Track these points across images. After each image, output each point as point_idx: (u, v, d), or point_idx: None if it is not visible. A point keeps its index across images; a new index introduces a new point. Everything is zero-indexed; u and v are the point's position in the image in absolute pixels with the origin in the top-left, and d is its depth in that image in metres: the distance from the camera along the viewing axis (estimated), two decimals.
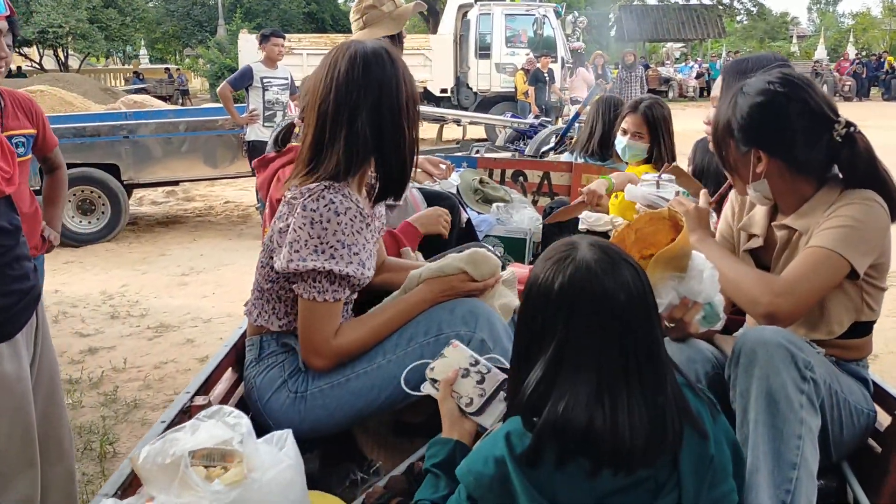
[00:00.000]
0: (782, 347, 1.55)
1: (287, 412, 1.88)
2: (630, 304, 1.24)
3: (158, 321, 5.03)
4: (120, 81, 28.71)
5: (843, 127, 1.76)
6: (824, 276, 1.70)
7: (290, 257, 1.76)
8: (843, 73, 30.03)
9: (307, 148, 1.85)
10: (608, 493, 1.23)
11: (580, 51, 17.62)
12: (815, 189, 1.83)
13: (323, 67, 1.86)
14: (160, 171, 7.56)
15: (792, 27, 54.27)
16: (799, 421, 1.53)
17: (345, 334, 1.85)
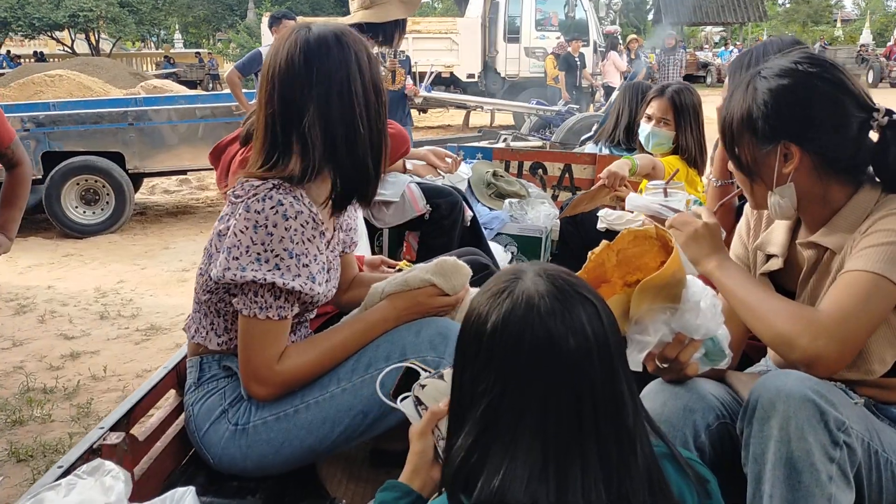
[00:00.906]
0: (810, 402, 1.22)
1: (227, 447, 1.63)
2: (584, 352, 0.96)
3: (149, 323, 4.72)
4: (150, 66, 28.70)
5: (883, 115, 1.42)
6: (873, 308, 1.33)
7: (228, 265, 1.52)
8: (892, 59, 28.96)
9: (258, 151, 1.61)
10: None
11: (615, 34, 17.10)
12: (849, 195, 1.48)
13: (268, 57, 1.61)
14: (167, 159, 7.25)
15: (836, 10, 52.78)
16: (827, 498, 1.21)
17: (291, 358, 1.60)
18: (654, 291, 1.37)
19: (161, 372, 1.90)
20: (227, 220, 1.58)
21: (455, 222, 3.16)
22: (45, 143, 6.77)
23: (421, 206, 3.06)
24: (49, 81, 11.58)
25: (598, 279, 1.44)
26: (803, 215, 1.56)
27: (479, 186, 3.90)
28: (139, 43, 36.61)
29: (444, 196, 3.17)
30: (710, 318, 1.40)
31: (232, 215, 1.56)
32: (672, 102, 3.13)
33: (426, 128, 15.34)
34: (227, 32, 29.90)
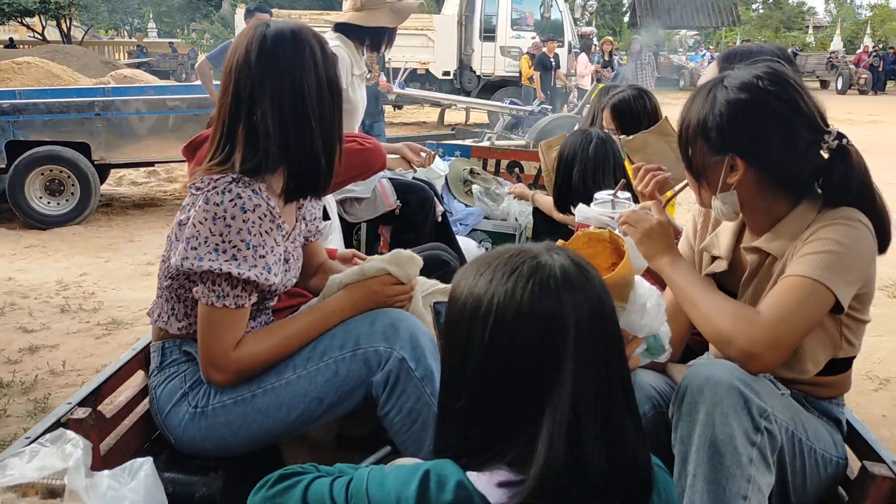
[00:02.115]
0: (735, 390, 1.32)
1: (187, 428, 1.69)
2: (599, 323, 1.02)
3: (111, 317, 4.65)
4: (123, 55, 28.30)
5: (833, 138, 1.51)
6: (808, 312, 1.42)
7: (186, 254, 1.56)
8: (860, 66, 29.41)
9: (214, 141, 1.67)
10: None
11: (591, 35, 17.16)
12: (792, 206, 1.56)
13: (229, 52, 1.69)
14: (134, 151, 7.13)
15: (808, 17, 53.48)
16: (746, 479, 1.31)
17: (248, 346, 1.64)
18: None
19: (129, 353, 1.97)
20: (187, 211, 1.63)
21: (425, 218, 3.21)
22: (10, 132, 6.63)
23: (392, 201, 3.13)
24: (17, 69, 11.38)
25: None
26: (748, 220, 1.63)
27: (456, 183, 3.96)
28: (112, 31, 36.08)
29: (414, 192, 3.23)
30: (654, 318, 1.51)
31: (192, 206, 1.61)
32: (612, 111, 3.02)
33: (401, 124, 15.30)
34: (202, 23, 29.56)
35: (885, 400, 3.63)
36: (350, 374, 1.66)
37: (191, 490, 1.67)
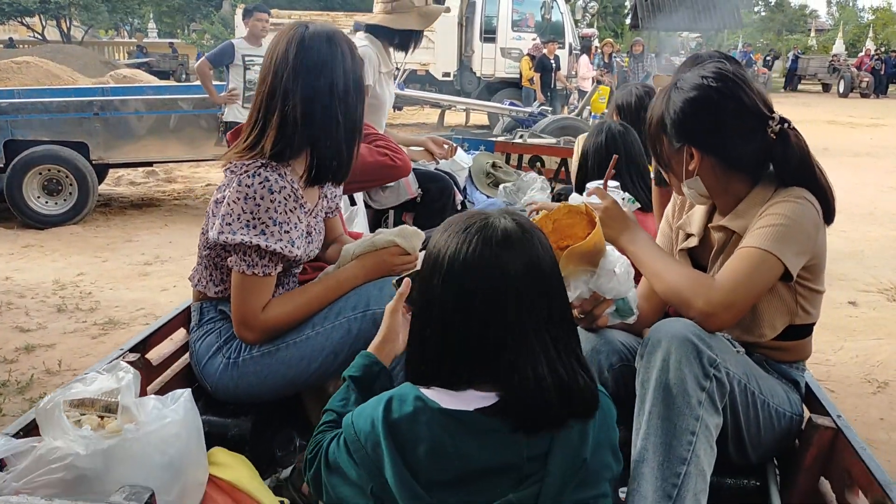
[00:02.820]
0: (689, 342, 1.52)
1: (222, 377, 1.94)
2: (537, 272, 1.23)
3: (107, 317, 4.63)
4: (123, 55, 28.29)
5: (776, 123, 1.71)
6: (759, 278, 1.62)
7: (222, 229, 1.80)
8: (862, 69, 29.38)
9: (248, 127, 1.89)
10: (473, 473, 1.20)
11: (592, 37, 17.13)
12: (749, 187, 1.77)
13: (269, 47, 1.90)
14: (133, 150, 7.12)
15: (810, 20, 53.49)
16: (695, 417, 1.51)
17: (274, 308, 1.89)
18: (579, 257, 1.67)
19: (173, 311, 2.27)
20: (223, 191, 1.85)
21: (445, 206, 3.49)
22: (8, 132, 6.62)
23: (414, 189, 3.39)
24: (16, 68, 11.39)
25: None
26: (716, 202, 1.84)
27: (479, 176, 4.20)
28: (112, 31, 36.13)
29: (435, 181, 3.52)
30: (622, 283, 1.71)
31: (227, 187, 1.83)
32: (617, 109, 3.11)
33: (400, 125, 15.27)
34: (202, 23, 29.53)
35: (883, 403, 3.62)
36: (361, 331, 1.87)
37: (224, 430, 1.94)
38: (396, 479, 1.19)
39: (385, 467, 1.20)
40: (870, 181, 9.90)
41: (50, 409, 1.40)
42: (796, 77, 32.75)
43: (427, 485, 1.19)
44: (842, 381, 3.84)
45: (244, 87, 6.71)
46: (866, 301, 5.16)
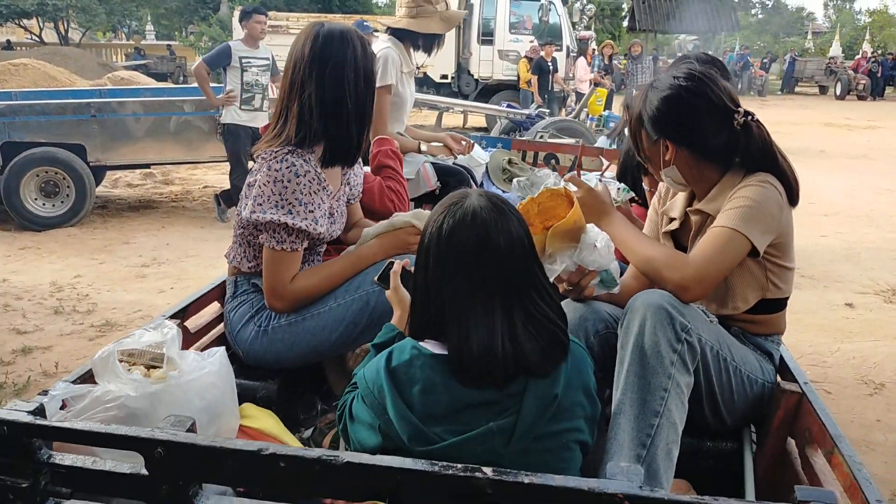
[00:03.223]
0: (663, 310, 1.69)
1: (253, 344, 2.14)
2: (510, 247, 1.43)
3: (104, 319, 4.63)
4: (120, 57, 28.26)
5: (741, 117, 1.88)
6: (728, 254, 1.79)
7: (253, 209, 2.02)
8: (859, 72, 29.43)
9: (274, 117, 2.13)
10: (460, 407, 1.40)
11: (589, 40, 17.12)
12: (720, 174, 1.96)
13: (292, 45, 2.11)
14: (130, 152, 7.11)
15: (807, 23, 53.58)
16: (667, 376, 1.67)
17: (301, 280, 2.10)
18: (562, 234, 1.84)
19: (209, 286, 2.46)
20: (255, 175, 2.07)
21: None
22: (5, 133, 6.62)
23: (433, 182, 3.54)
24: (13, 70, 11.38)
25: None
26: (693, 188, 2.02)
27: (496, 171, 4.35)
28: (110, 33, 36.10)
29: (453, 175, 3.65)
30: (604, 256, 1.88)
31: (258, 171, 2.05)
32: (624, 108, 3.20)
33: None
34: (200, 25, 29.51)
35: (879, 405, 3.62)
36: (378, 304, 2.05)
37: (253, 392, 2.15)
38: (397, 415, 1.40)
39: (388, 406, 1.41)
40: (866, 183, 9.92)
41: (105, 358, 1.66)
42: (793, 79, 32.82)
43: (422, 418, 1.40)
44: (838, 383, 3.85)
45: (241, 89, 6.70)
46: (863, 303, 5.17)
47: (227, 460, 1.24)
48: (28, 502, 1.28)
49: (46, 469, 1.30)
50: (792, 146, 13.35)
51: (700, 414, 1.83)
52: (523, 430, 1.39)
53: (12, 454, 1.28)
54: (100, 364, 1.66)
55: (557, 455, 1.44)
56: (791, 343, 4.32)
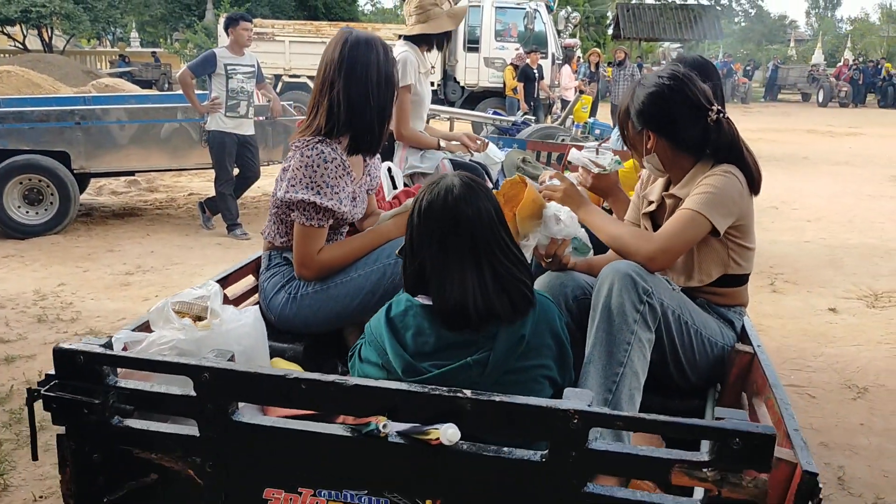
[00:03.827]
0: (628, 276, 1.96)
1: (284, 309, 2.44)
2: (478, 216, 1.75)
3: (88, 327, 4.59)
4: (105, 64, 28.13)
5: (714, 113, 2.17)
6: (689, 231, 2.09)
7: (287, 190, 2.35)
8: (841, 79, 29.70)
9: (308, 111, 2.45)
10: (444, 346, 1.73)
11: (574, 47, 17.20)
12: (693, 163, 2.24)
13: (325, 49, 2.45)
14: (115, 160, 7.04)
15: (790, 31, 54.05)
16: (630, 332, 1.94)
17: (326, 253, 2.41)
18: (527, 214, 2.13)
19: (245, 260, 2.82)
20: (289, 161, 2.41)
21: None
22: None
23: None
24: None
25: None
26: (670, 175, 2.31)
27: (510, 169, 4.54)
28: (94, 41, 35.92)
29: (469, 170, 3.85)
30: (569, 225, 2.17)
31: (292, 157, 2.38)
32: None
33: None
34: (185, 32, 29.41)
35: (863, 409, 3.65)
36: (394, 275, 2.31)
37: (281, 353, 2.41)
38: (394, 353, 1.75)
39: (387, 347, 1.76)
40: (849, 189, 10.01)
41: (160, 309, 2.04)
42: (776, 87, 33.11)
43: (414, 355, 1.74)
44: (822, 387, 3.87)
45: (227, 96, 6.68)
46: (846, 308, 5.21)
47: (260, 383, 1.56)
48: (99, 417, 1.59)
49: (113, 391, 1.60)
50: (776, 153, 13.46)
51: (667, 372, 2.13)
52: (495, 364, 1.70)
53: (87, 378, 1.60)
54: (155, 314, 2.04)
55: (527, 387, 1.71)
56: (775, 347, 4.36)
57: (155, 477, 1.66)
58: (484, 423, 1.47)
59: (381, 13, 55.18)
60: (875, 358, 4.31)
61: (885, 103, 28.86)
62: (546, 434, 1.43)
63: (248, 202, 8.50)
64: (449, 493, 1.50)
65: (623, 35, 33.70)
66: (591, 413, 1.38)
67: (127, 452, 1.64)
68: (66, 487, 1.70)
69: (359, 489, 1.55)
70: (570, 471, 1.42)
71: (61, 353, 1.64)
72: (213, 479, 1.60)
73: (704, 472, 1.36)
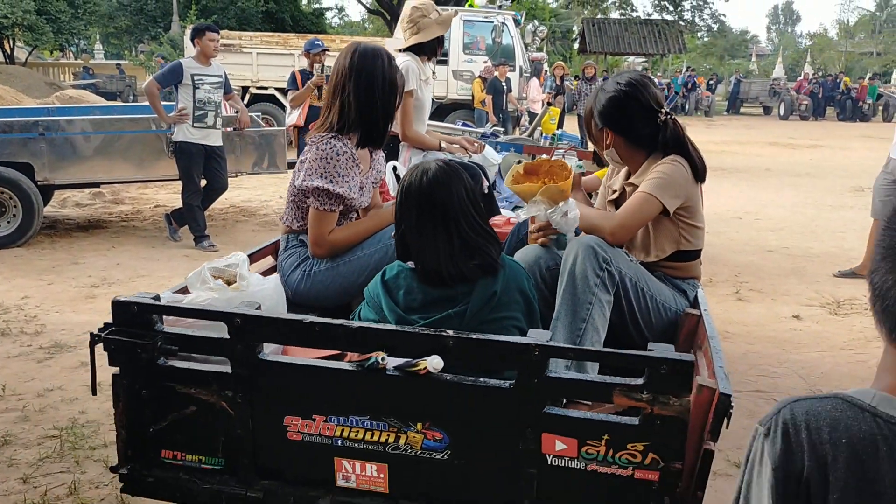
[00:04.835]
0: (590, 247, 2.30)
1: (298, 285, 2.73)
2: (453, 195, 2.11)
3: (53, 340, 4.52)
4: (69, 76, 27.76)
5: (664, 115, 2.55)
6: (643, 210, 2.46)
7: (304, 178, 2.66)
8: (801, 93, 30.28)
9: (323, 111, 2.80)
10: (429, 301, 2.10)
11: (542, 61, 17.34)
12: (646, 157, 2.61)
13: (337, 58, 2.81)
14: (79, 171, 6.93)
15: (751, 45, 55.04)
16: (592, 293, 2.27)
17: (337, 234, 2.72)
18: (550, 194, 2.43)
19: (265, 242, 3.11)
20: (306, 154, 2.72)
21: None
22: None
23: None
24: None
25: (533, 170, 2.62)
26: (628, 166, 2.68)
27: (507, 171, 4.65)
28: (57, 52, 35.39)
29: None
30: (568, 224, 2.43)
31: (309, 151, 2.70)
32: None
33: None
34: (150, 44, 29.14)
35: None
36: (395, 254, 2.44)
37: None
38: (388, 309, 2.10)
39: (382, 305, 2.12)
40: (810, 200, 10.21)
41: (199, 273, 2.41)
42: (739, 100, 33.66)
43: (405, 310, 2.10)
44: (788, 392, 3.93)
45: (194, 107, 6.63)
46: (809, 315, 5.31)
47: (281, 326, 1.93)
48: (149, 356, 1.93)
49: (161, 335, 1.94)
50: (739, 165, 13.69)
51: (627, 332, 2.44)
52: (472, 315, 2.05)
53: (139, 324, 1.94)
54: (193, 277, 2.40)
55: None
56: (741, 354, 4.43)
57: (193, 409, 1.98)
58: (463, 357, 1.80)
59: (348, 26, 55.18)
60: (838, 363, 4.39)
61: (843, 116, 29.48)
62: (513, 364, 1.75)
63: (216, 214, 8.43)
64: (435, 416, 1.82)
65: (589, 49, 34.06)
66: (548, 346, 1.73)
67: (170, 388, 1.97)
68: (118, 419, 2.02)
69: (362, 415, 1.86)
70: (533, 395, 1.74)
71: (118, 305, 1.95)
72: (243, 409, 1.93)
73: (640, 395, 1.68)
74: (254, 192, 10.14)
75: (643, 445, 1.71)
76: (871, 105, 29.58)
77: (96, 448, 3.28)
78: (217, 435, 1.98)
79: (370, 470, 1.89)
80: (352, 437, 1.88)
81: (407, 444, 1.85)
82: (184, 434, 2.01)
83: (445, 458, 1.84)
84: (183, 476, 2.03)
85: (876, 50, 46.29)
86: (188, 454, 2.02)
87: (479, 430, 1.81)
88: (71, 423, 3.49)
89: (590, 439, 1.73)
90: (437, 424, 1.82)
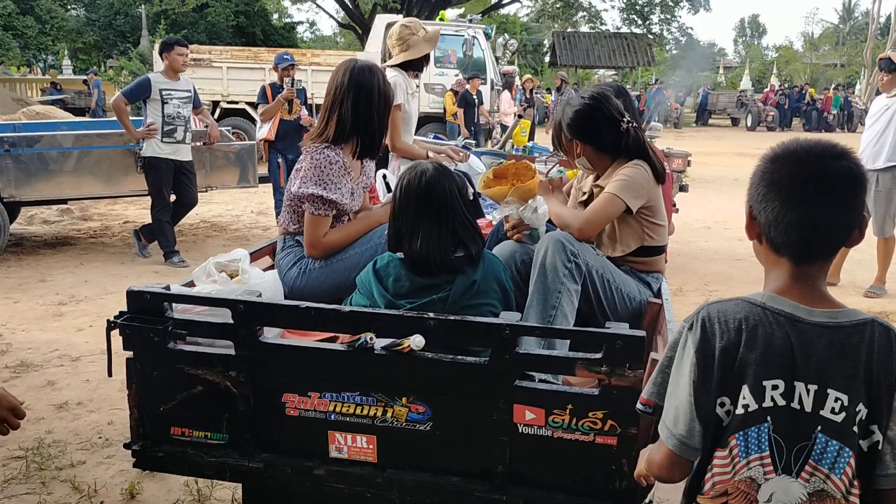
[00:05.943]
0: (559, 241, 2.53)
1: (295, 282, 2.88)
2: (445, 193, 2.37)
3: (19, 359, 4.44)
4: (36, 92, 27.41)
5: (626, 124, 2.78)
6: (608, 209, 2.71)
7: (300, 185, 2.84)
8: (768, 104, 30.73)
9: (319, 122, 2.96)
10: (416, 288, 2.32)
11: (513, 74, 17.44)
12: (611, 161, 2.84)
13: (333, 74, 3.00)
14: (46, 188, 6.83)
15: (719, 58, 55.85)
16: (560, 283, 2.48)
17: (330, 235, 2.89)
18: (521, 192, 2.71)
19: (264, 242, 3.27)
20: (301, 163, 2.90)
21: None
22: None
23: None
24: None
25: (501, 174, 2.91)
26: (597, 170, 2.89)
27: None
28: (24, 68, 34.98)
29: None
30: (538, 220, 2.74)
31: (304, 160, 2.88)
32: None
33: None
34: (119, 59, 28.90)
35: None
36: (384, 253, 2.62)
37: None
38: (378, 295, 2.33)
39: (374, 291, 2.35)
40: None
41: (204, 267, 2.63)
42: (707, 112, 34.08)
43: (394, 295, 2.32)
44: None
45: (163, 122, 6.58)
46: None
47: (280, 312, 2.20)
48: (161, 338, 2.16)
49: (171, 320, 2.17)
50: (707, 175, 13.84)
51: (595, 320, 2.62)
52: (453, 301, 2.29)
53: (152, 311, 2.17)
54: (199, 272, 2.62)
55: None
56: None
57: (200, 388, 2.18)
58: (443, 336, 2.04)
59: (319, 40, 55.13)
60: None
61: (809, 127, 29.96)
62: (487, 342, 1.99)
63: (186, 229, 8.34)
64: (419, 390, 2.03)
65: (559, 62, 34.42)
66: (518, 325, 1.99)
67: (179, 370, 2.18)
68: (132, 400, 2.24)
69: (353, 391, 2.08)
70: (505, 370, 1.96)
71: (133, 294, 2.17)
72: (245, 388, 2.14)
73: (599, 368, 1.91)
74: (224, 206, 10.07)
75: (603, 413, 1.93)
76: (836, 115, 30.11)
77: (63, 468, 3.22)
78: (222, 412, 2.20)
79: (360, 442, 2.11)
80: (344, 412, 2.10)
81: (393, 417, 2.06)
82: (191, 412, 2.22)
83: (428, 430, 2.05)
84: (190, 451, 2.24)
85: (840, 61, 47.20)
86: (195, 430, 2.24)
87: (458, 402, 2.03)
88: (37, 444, 3.43)
89: (556, 408, 1.95)
90: (420, 398, 2.03)
